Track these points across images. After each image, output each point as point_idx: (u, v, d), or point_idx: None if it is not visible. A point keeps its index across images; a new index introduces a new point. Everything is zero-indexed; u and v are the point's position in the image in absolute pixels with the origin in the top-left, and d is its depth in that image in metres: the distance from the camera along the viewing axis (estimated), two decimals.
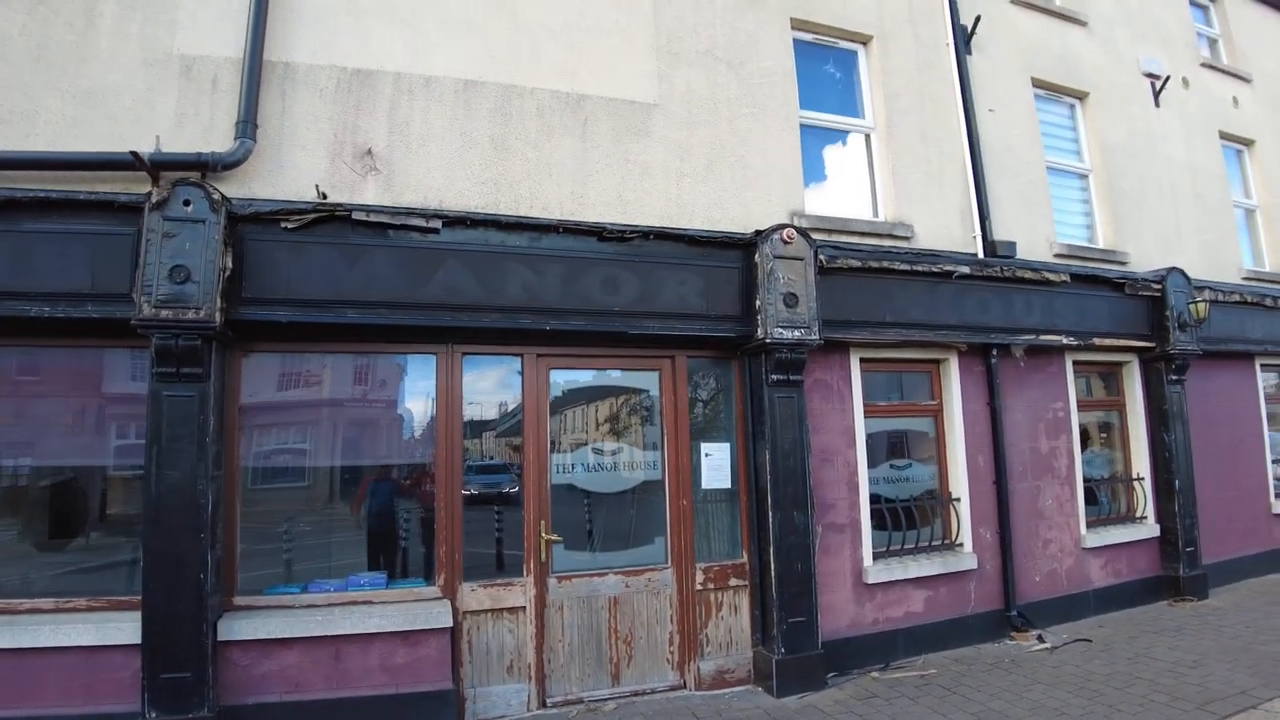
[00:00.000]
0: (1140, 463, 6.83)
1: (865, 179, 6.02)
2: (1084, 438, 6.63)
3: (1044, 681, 4.68)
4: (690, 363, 5.11)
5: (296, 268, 4.05)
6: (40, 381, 4.12)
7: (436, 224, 4.27)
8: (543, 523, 4.61)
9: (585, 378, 5.08)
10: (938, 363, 5.91)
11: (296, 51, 4.41)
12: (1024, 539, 5.95)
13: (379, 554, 4.50)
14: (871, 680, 4.88)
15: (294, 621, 3.91)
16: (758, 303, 4.87)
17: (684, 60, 5.29)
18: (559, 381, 4.92)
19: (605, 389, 5.14)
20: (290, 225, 4.03)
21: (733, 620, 4.94)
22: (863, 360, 5.51)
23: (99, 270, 3.77)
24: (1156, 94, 7.70)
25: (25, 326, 3.78)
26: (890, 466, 5.79)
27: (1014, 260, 6.05)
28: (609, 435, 5.04)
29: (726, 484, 5.07)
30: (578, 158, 4.85)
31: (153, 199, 3.75)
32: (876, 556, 5.35)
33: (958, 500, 5.75)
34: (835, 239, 5.43)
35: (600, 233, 4.62)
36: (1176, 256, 7.15)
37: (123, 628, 3.66)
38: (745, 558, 5.00)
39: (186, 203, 3.77)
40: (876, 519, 5.45)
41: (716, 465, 5.06)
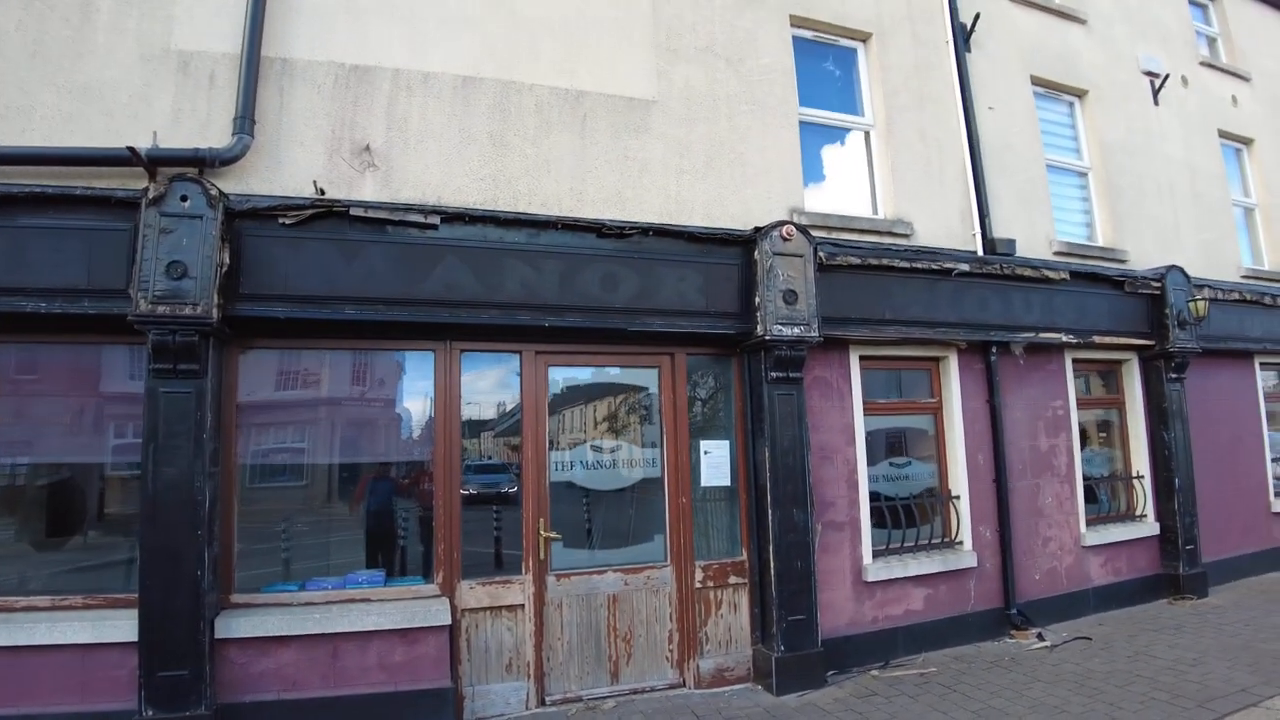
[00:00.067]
0: (1140, 461, 6.82)
1: (865, 176, 6.01)
2: (1083, 436, 6.62)
3: (1044, 679, 4.67)
4: (690, 360, 5.10)
5: (294, 264, 4.03)
6: (38, 380, 4.10)
7: (435, 220, 4.26)
8: (541, 520, 4.59)
9: (584, 375, 5.07)
10: (937, 360, 5.90)
11: (294, 47, 4.39)
12: (1024, 537, 5.94)
13: (377, 553, 4.48)
14: (871, 678, 4.87)
15: (292, 619, 3.90)
16: (757, 300, 4.85)
17: (683, 57, 5.28)
18: (558, 379, 4.91)
19: (604, 386, 5.13)
20: (288, 221, 4.02)
21: (732, 618, 4.92)
22: (862, 358, 5.50)
23: (95, 266, 3.75)
24: (1156, 92, 7.70)
25: (22, 322, 3.77)
26: (890, 464, 5.78)
27: (1013, 258, 6.05)
28: (608, 433, 5.02)
29: (726, 481, 5.06)
30: (576, 154, 4.84)
31: (150, 194, 3.73)
32: (876, 554, 5.34)
33: (957, 498, 5.74)
34: (835, 236, 5.42)
35: (599, 229, 4.61)
36: (1176, 255, 7.14)
37: (119, 625, 3.65)
38: (745, 555, 4.99)
39: (184, 198, 3.75)
40: (876, 517, 5.44)
41: (716, 463, 5.05)
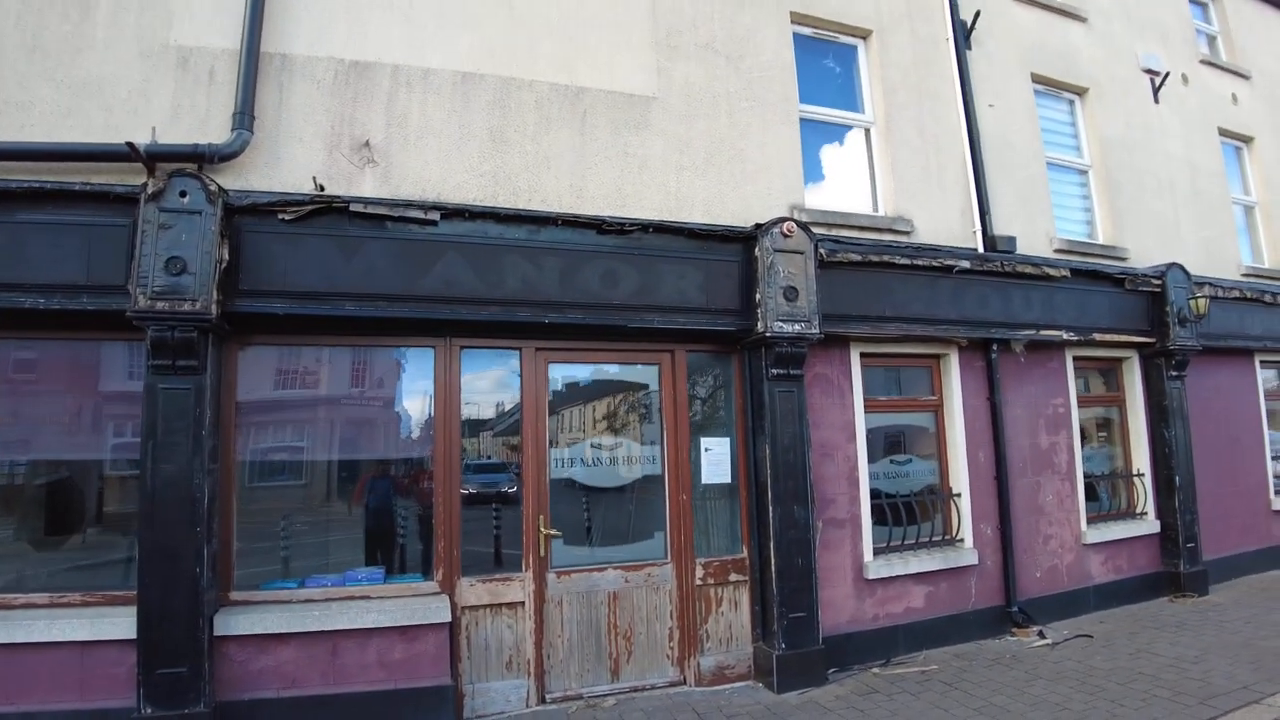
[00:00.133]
0: (1140, 459, 6.82)
1: (865, 174, 6.00)
2: (1084, 433, 6.61)
3: (1045, 677, 4.66)
4: (690, 357, 5.09)
5: (293, 260, 4.02)
6: (36, 378, 4.08)
7: (435, 216, 4.25)
8: (542, 518, 4.58)
9: (584, 372, 5.06)
10: (938, 358, 5.89)
11: (294, 43, 4.38)
12: (1025, 535, 5.93)
13: (377, 551, 4.47)
14: (872, 676, 4.85)
15: (291, 616, 3.88)
16: (758, 296, 4.84)
17: (683, 54, 5.27)
18: (558, 376, 4.90)
19: (604, 383, 5.11)
20: (287, 217, 4.01)
21: (733, 616, 4.91)
22: (863, 355, 5.49)
23: (94, 262, 3.74)
24: (1156, 90, 7.70)
25: (20, 319, 3.76)
26: (890, 462, 5.77)
27: (1014, 255, 6.04)
28: (608, 430, 5.01)
29: (726, 479, 5.05)
30: (576, 150, 4.83)
31: (148, 190, 3.72)
32: (877, 552, 5.33)
33: (958, 496, 5.73)
34: (835, 233, 5.40)
35: (599, 225, 4.60)
36: (1176, 252, 7.13)
37: (118, 623, 3.63)
38: (745, 553, 4.97)
39: (183, 194, 3.74)
40: (877, 514, 5.43)
41: (716, 460, 5.03)
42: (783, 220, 4.93)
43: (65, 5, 4.06)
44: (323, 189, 4.18)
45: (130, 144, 3.75)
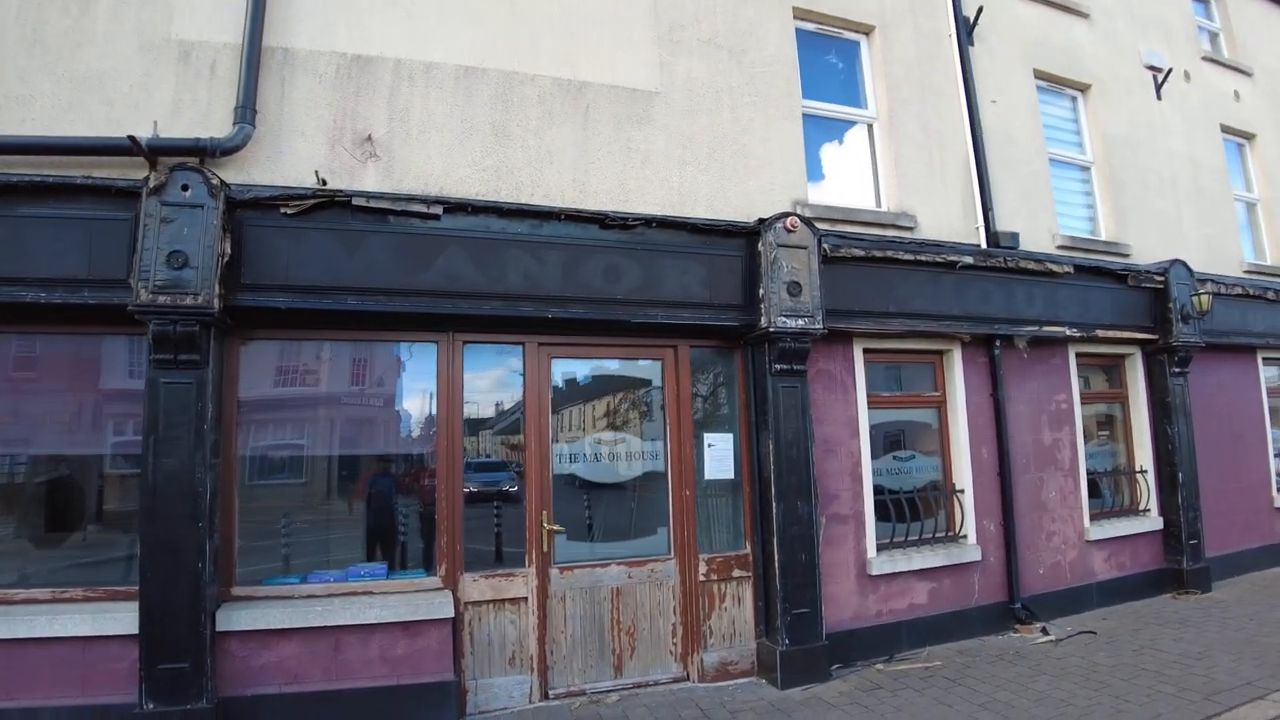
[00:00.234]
0: (1143, 455, 6.81)
1: (868, 169, 5.99)
2: (1086, 430, 6.60)
3: (1049, 673, 4.65)
4: (693, 352, 5.07)
5: (296, 254, 4.00)
6: (37, 375, 4.06)
7: (438, 210, 4.23)
8: (545, 513, 4.56)
9: (587, 368, 5.05)
10: (941, 354, 5.88)
11: (296, 37, 4.37)
12: (1027, 531, 5.92)
13: (379, 547, 4.46)
14: (876, 672, 4.84)
15: (293, 612, 3.86)
16: (761, 291, 4.83)
17: (685, 48, 5.26)
18: (561, 372, 4.88)
19: (607, 379, 5.10)
20: (289, 211, 3.99)
21: (736, 612, 4.90)
22: (866, 350, 5.48)
23: (96, 256, 3.72)
24: (1158, 87, 7.68)
25: (22, 313, 3.74)
26: (893, 458, 5.76)
27: (1017, 251, 6.03)
28: (611, 426, 5.00)
29: (729, 475, 5.04)
30: (579, 145, 4.82)
31: (150, 184, 3.70)
32: (880, 548, 5.32)
33: (961, 492, 5.72)
34: (838, 228, 5.39)
35: (602, 220, 4.58)
36: (1178, 249, 7.12)
37: (120, 618, 3.61)
38: (748, 549, 4.96)
39: (185, 188, 3.72)
40: (880, 510, 5.41)
41: (719, 456, 5.02)
42: (786, 215, 4.91)
43: (65, 0, 4.05)
44: (325, 183, 4.17)
45: (132, 138, 3.73)
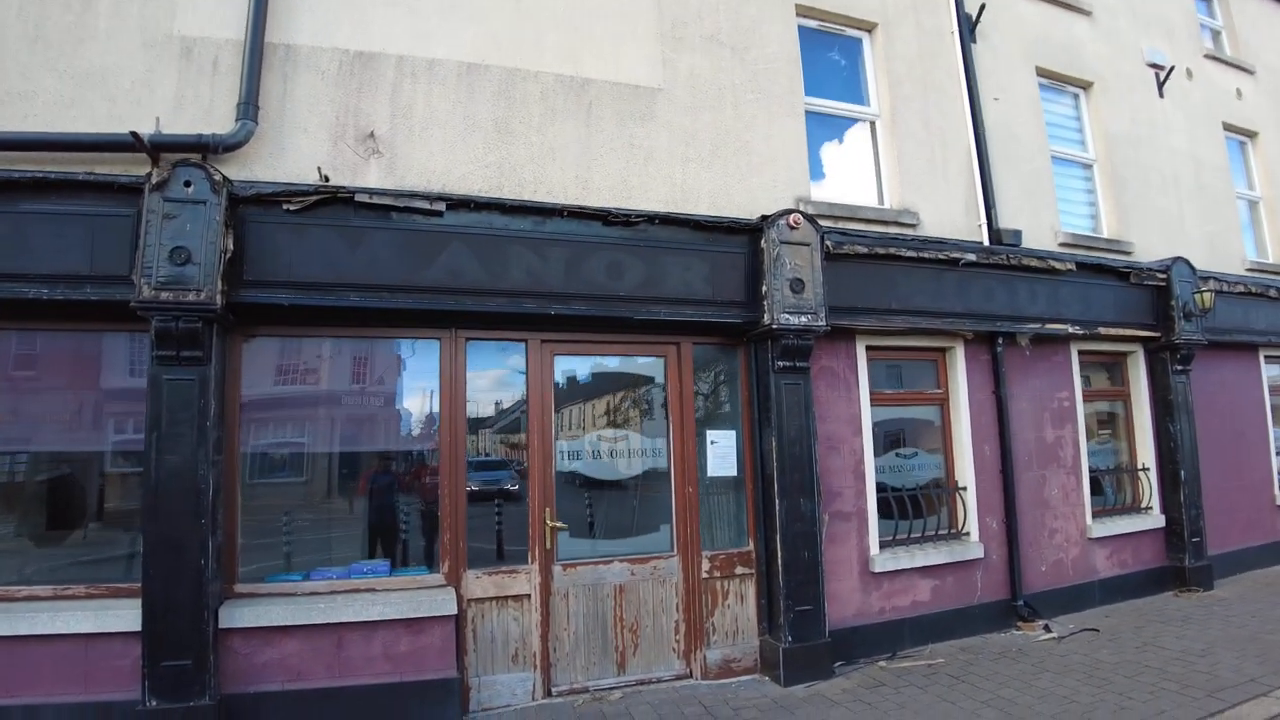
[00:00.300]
0: (1145, 453, 6.80)
1: (870, 166, 5.98)
2: (1089, 428, 6.59)
3: (1052, 670, 4.64)
4: (696, 349, 5.06)
5: (298, 250, 3.99)
6: (38, 372, 4.05)
7: (440, 206, 4.22)
8: (548, 510, 4.56)
9: (589, 366, 5.04)
10: (944, 351, 5.87)
11: (298, 33, 4.35)
12: (1030, 529, 5.91)
13: (382, 545, 4.44)
14: (879, 669, 4.84)
15: (296, 609, 3.85)
16: (764, 288, 4.82)
17: (688, 45, 5.25)
18: (562, 370, 4.87)
19: (610, 376, 5.10)
20: (292, 207, 3.98)
21: (739, 609, 4.89)
22: (869, 347, 5.47)
23: (98, 252, 3.71)
24: (1160, 85, 7.67)
25: (23, 309, 3.73)
26: (896, 455, 5.75)
27: (1019, 248, 6.03)
28: (613, 424, 4.99)
29: (732, 472, 5.03)
30: (582, 142, 4.81)
31: (153, 180, 3.70)
32: (883, 545, 5.32)
33: (964, 489, 5.71)
34: (841, 225, 5.39)
35: (605, 217, 4.58)
36: (1180, 247, 7.11)
37: (122, 615, 3.61)
38: (751, 546, 4.95)
39: (187, 184, 3.72)
40: (883, 508, 5.41)
41: (722, 453, 5.01)
42: (789, 212, 4.91)
43: None
44: (327, 179, 4.16)
45: (134, 134, 3.72)
